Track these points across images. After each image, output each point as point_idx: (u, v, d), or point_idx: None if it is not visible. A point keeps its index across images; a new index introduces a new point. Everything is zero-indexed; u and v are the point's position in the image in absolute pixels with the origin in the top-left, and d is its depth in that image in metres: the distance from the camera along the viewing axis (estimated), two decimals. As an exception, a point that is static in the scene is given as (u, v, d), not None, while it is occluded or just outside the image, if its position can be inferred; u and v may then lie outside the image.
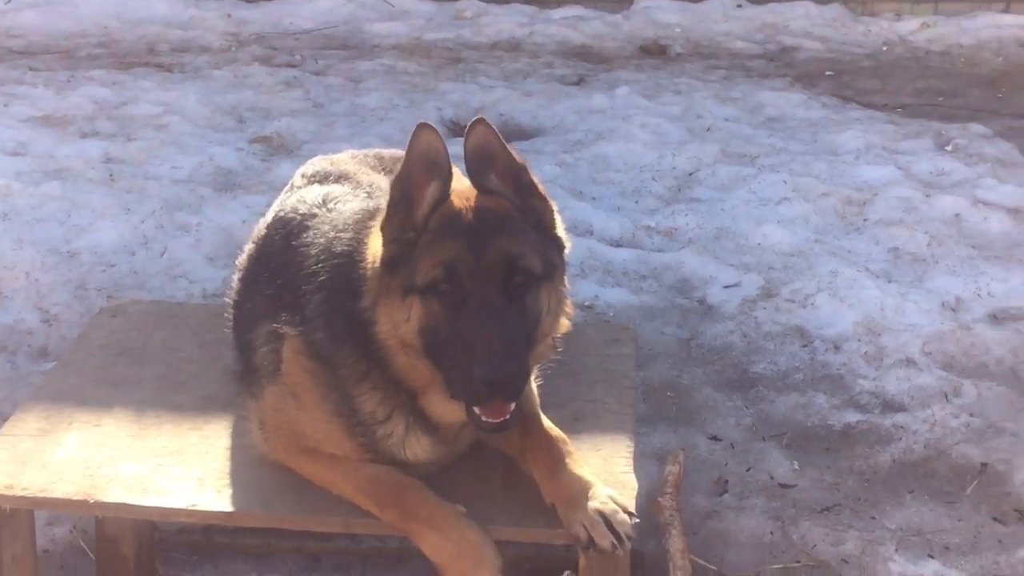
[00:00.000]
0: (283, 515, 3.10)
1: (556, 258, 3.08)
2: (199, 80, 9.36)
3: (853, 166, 7.37)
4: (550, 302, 3.02)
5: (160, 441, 3.37)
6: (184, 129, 8.03)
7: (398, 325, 2.97)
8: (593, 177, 7.16)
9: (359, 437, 3.12)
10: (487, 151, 2.99)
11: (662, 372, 5.03)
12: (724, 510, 4.19)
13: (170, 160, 7.32)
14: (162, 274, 5.73)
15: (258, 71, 9.70)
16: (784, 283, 5.74)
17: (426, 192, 2.98)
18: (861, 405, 4.84)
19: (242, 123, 8.30)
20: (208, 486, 3.17)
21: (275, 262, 3.41)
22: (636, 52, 10.70)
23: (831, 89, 9.51)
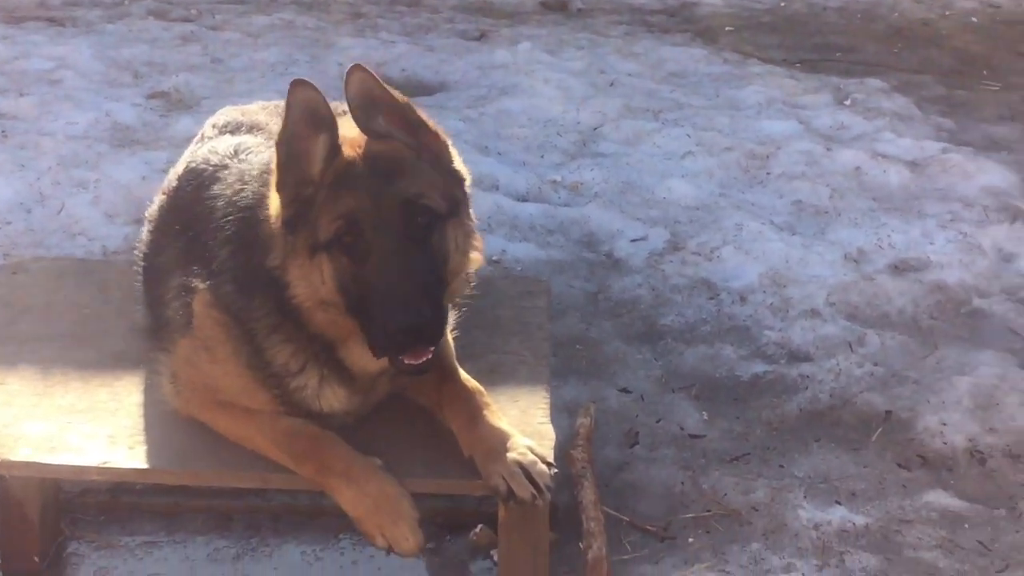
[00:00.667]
0: (198, 470, 3.06)
1: (458, 193, 3.04)
2: (92, 34, 9.15)
3: (755, 120, 7.43)
4: (457, 239, 2.99)
5: (68, 399, 3.30)
6: (78, 84, 7.84)
7: (316, 287, 2.93)
8: (498, 132, 7.13)
9: (272, 389, 3.08)
10: (369, 96, 2.95)
11: (571, 326, 5.03)
12: (635, 461, 4.22)
13: (65, 116, 7.15)
14: (60, 232, 5.61)
15: (153, 25, 9.50)
16: (690, 236, 5.77)
17: (315, 147, 2.93)
18: (768, 356, 4.90)
19: (138, 78, 8.12)
20: (120, 443, 3.11)
21: (186, 214, 3.33)
22: (538, 7, 10.67)
23: (732, 44, 9.56)
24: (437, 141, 3.04)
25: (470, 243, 3.07)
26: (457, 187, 3.05)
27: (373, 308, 2.82)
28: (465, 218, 3.05)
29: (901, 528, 3.88)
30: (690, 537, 3.87)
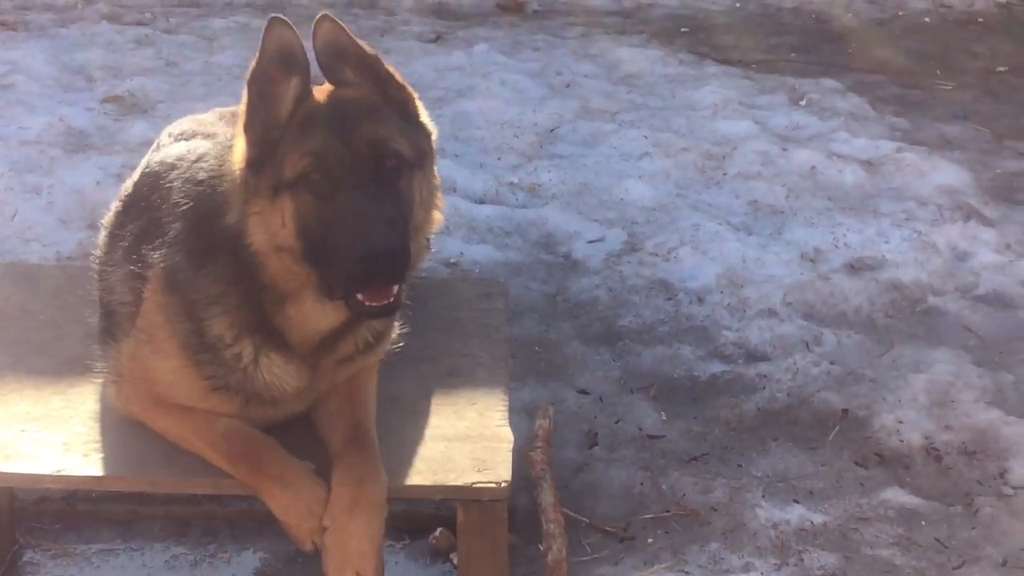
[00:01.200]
0: (153, 477, 3.03)
1: (425, 145, 3.01)
2: (45, 38, 9.07)
3: (711, 121, 7.45)
4: (422, 192, 2.96)
5: (22, 406, 3.27)
6: (31, 89, 7.77)
7: (275, 232, 2.88)
8: (455, 134, 7.12)
9: (207, 368, 3.02)
10: (336, 47, 2.93)
11: (530, 327, 5.04)
12: (594, 462, 4.22)
13: (17, 120, 7.08)
14: (13, 237, 5.56)
15: (106, 29, 9.43)
16: (647, 237, 5.79)
17: (286, 89, 2.90)
18: (725, 356, 4.92)
19: (92, 82, 8.06)
20: (75, 451, 3.08)
21: (140, 213, 3.31)
22: (493, 9, 10.66)
23: (687, 45, 9.59)
24: (404, 93, 3.02)
25: (433, 200, 3.04)
26: (424, 140, 3.02)
27: (336, 243, 2.77)
28: (430, 173, 3.03)
29: (859, 526, 3.91)
30: (649, 538, 3.89)
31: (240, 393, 3.05)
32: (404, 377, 3.44)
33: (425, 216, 3.01)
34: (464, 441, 3.16)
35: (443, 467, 3.05)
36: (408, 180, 2.91)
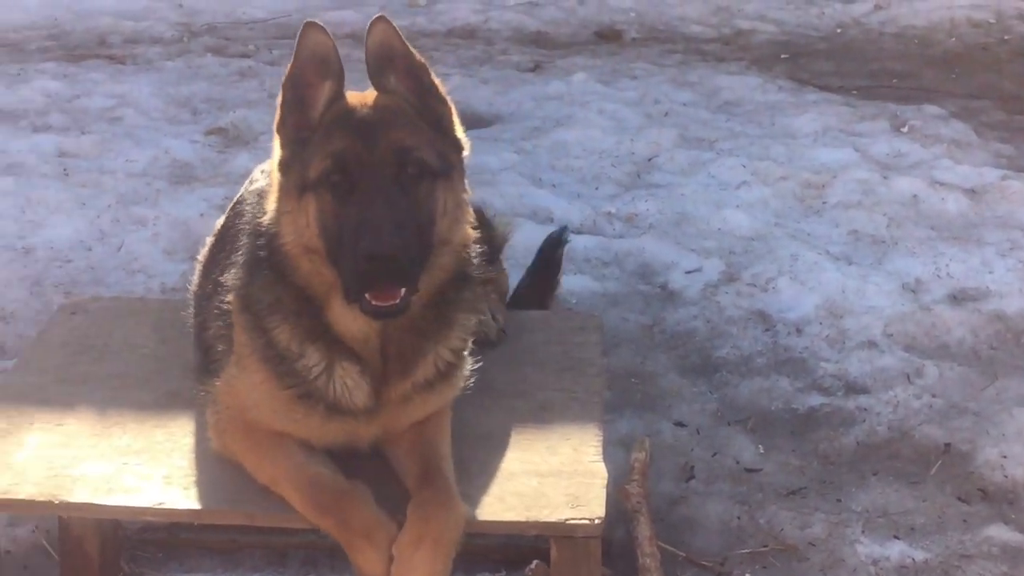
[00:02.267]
0: (250, 511, 3.07)
1: (453, 158, 3.03)
2: (152, 72, 9.26)
3: (811, 149, 7.39)
4: (447, 203, 2.97)
5: (124, 440, 3.33)
6: (138, 122, 7.94)
7: (301, 231, 2.94)
8: (552, 164, 7.14)
9: (286, 378, 3.06)
10: (387, 50, 2.96)
11: (626, 359, 5.03)
12: (691, 496, 4.20)
13: (125, 153, 7.24)
14: (120, 269, 5.68)
15: (211, 62, 9.61)
16: (745, 267, 5.75)
17: (319, 92, 2.97)
18: (824, 388, 4.86)
19: (197, 115, 8.22)
20: (175, 484, 3.14)
21: (228, 246, 3.38)
22: (591, 38, 10.68)
23: (787, 72, 9.52)
24: (443, 106, 3.05)
25: (461, 212, 3.04)
26: (454, 152, 3.05)
27: (347, 242, 2.82)
28: (458, 184, 3.04)
29: (961, 563, 3.85)
30: (747, 573, 3.87)
31: (321, 403, 3.07)
32: (496, 412, 3.45)
33: (450, 227, 3.01)
34: (558, 477, 3.15)
35: (536, 503, 3.05)
36: (430, 189, 2.93)
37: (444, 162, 2.98)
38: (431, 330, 3.11)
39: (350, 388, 3.07)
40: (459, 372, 3.26)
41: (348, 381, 3.07)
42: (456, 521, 2.94)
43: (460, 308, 3.16)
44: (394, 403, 3.13)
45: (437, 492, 3.00)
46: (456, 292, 3.13)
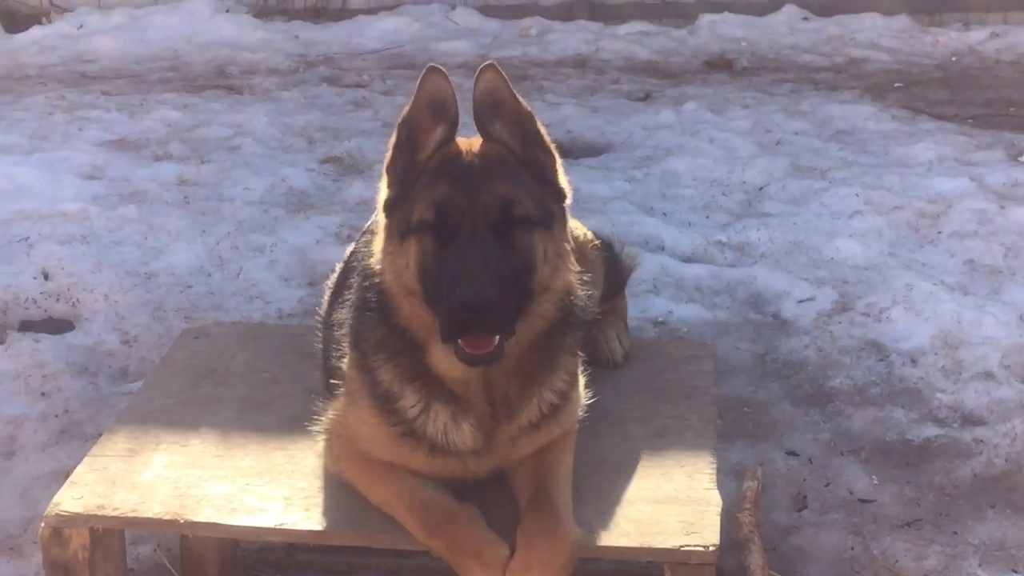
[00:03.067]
0: (370, 533, 3.13)
1: (554, 207, 3.06)
2: (269, 101, 9.47)
3: (925, 178, 7.32)
4: (547, 251, 2.99)
5: (247, 461, 3.41)
6: (255, 150, 8.12)
7: (400, 272, 2.99)
8: (663, 193, 7.16)
9: (391, 416, 3.12)
10: (494, 98, 3.00)
11: (738, 388, 5.02)
12: (804, 526, 4.17)
13: (243, 181, 7.40)
14: (238, 295, 5.80)
15: (327, 92, 9.79)
16: (859, 297, 5.71)
17: (431, 136, 3.02)
18: (940, 419, 4.80)
19: (312, 144, 8.37)
20: (295, 505, 3.21)
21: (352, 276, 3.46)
22: (702, 67, 10.70)
23: (901, 101, 9.44)
24: (547, 157, 3.09)
25: (561, 260, 3.06)
26: (555, 202, 3.08)
27: (444, 288, 2.86)
28: (559, 234, 3.06)
29: (1081, 599, 3.78)
30: (861, 604, 3.83)
31: (424, 441, 3.12)
32: (611, 438, 3.48)
33: (551, 274, 3.03)
34: (672, 503, 3.17)
35: (651, 529, 3.07)
36: (528, 239, 2.96)
37: (544, 212, 3.01)
38: (535, 374, 3.15)
39: (447, 430, 3.11)
40: (567, 409, 3.28)
41: (444, 423, 3.11)
42: (564, 547, 2.96)
43: (564, 352, 3.20)
44: (502, 444, 3.18)
45: (544, 519, 3.03)
46: (560, 337, 3.16)
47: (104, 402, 4.85)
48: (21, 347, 5.15)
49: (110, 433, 3.58)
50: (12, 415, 4.73)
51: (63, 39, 11.77)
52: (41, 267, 5.85)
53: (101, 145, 8.22)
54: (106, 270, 5.85)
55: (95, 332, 5.42)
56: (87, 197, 6.93)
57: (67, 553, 3.17)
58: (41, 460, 4.48)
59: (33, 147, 8.09)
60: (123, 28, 11.95)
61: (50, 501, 3.26)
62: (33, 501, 4.19)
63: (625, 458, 3.37)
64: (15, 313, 5.57)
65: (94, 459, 3.43)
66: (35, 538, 3.85)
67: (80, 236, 6.31)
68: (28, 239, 6.23)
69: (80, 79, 10.46)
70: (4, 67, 10.95)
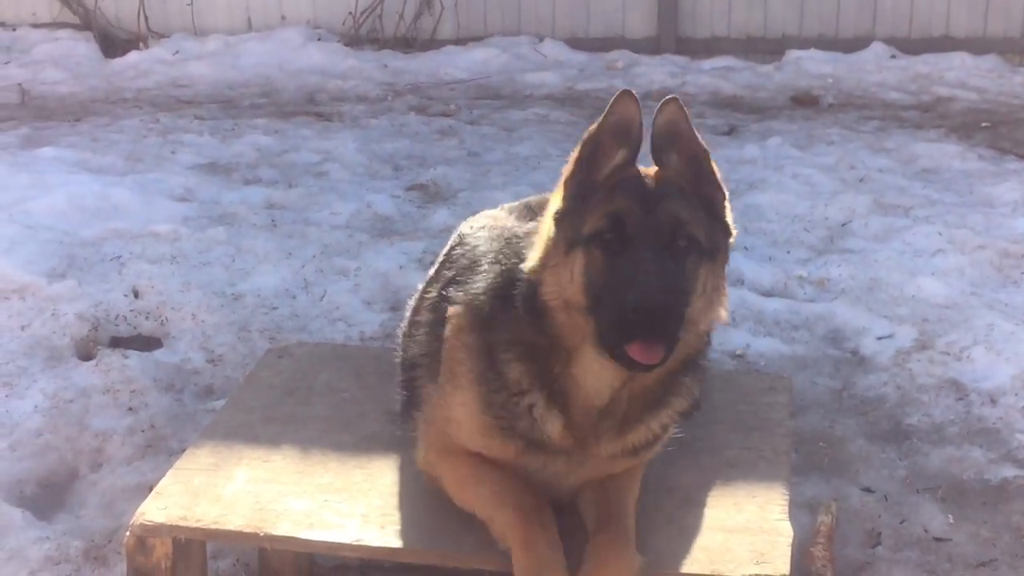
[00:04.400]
0: (444, 551, 3.19)
1: (721, 242, 3.10)
2: (357, 129, 9.60)
3: (1010, 218, 7.26)
4: (707, 283, 3.02)
5: (326, 478, 3.49)
6: (342, 176, 8.25)
7: (564, 286, 3.03)
8: (745, 227, 7.16)
9: (497, 408, 3.17)
10: (673, 129, 3.05)
11: (814, 422, 5.02)
12: (877, 562, 4.17)
13: (329, 206, 7.52)
14: (322, 317, 5.89)
15: (414, 120, 9.91)
16: (939, 335, 5.68)
17: (612, 157, 3.08)
18: (1019, 460, 4.76)
19: (398, 171, 8.49)
20: (372, 522, 3.27)
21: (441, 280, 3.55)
22: (788, 102, 10.69)
23: (987, 140, 9.37)
24: (717, 192, 3.12)
25: (717, 296, 3.09)
26: (722, 236, 3.11)
27: (616, 293, 2.89)
28: (720, 268, 3.09)
29: None
30: (932, 642, 3.81)
31: (520, 439, 3.18)
32: (684, 467, 3.51)
33: (705, 308, 3.05)
34: (743, 533, 3.20)
35: (721, 557, 3.10)
36: (696, 265, 2.99)
37: (712, 243, 3.05)
38: (655, 403, 3.20)
39: (556, 430, 3.16)
40: (661, 441, 3.33)
41: (553, 430, 3.16)
42: (629, 567, 3.01)
43: (683, 388, 3.23)
44: (599, 459, 3.23)
45: (614, 538, 3.08)
46: (685, 372, 3.20)
47: (189, 418, 4.96)
48: (111, 363, 5.28)
49: (195, 447, 3.67)
50: (100, 429, 4.86)
51: (159, 64, 12.03)
52: (132, 285, 5.99)
53: (193, 168, 8.39)
54: (194, 290, 5.97)
55: (182, 350, 5.55)
56: (178, 218, 7.09)
57: (151, 562, 3.26)
58: (127, 473, 4.60)
59: (128, 168, 8.28)
60: (217, 54, 12.19)
61: (134, 512, 3.36)
62: (118, 512, 4.30)
63: (697, 487, 3.40)
64: (106, 330, 5.70)
65: (179, 472, 3.52)
66: (119, 548, 3.96)
67: (170, 256, 6.46)
68: (120, 258, 6.38)
69: (174, 103, 10.68)
70: (102, 90, 11.21)
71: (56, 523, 4.37)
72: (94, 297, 5.84)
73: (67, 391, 5.07)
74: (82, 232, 6.74)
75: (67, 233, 6.71)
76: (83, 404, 5.00)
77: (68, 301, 5.77)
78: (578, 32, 12.63)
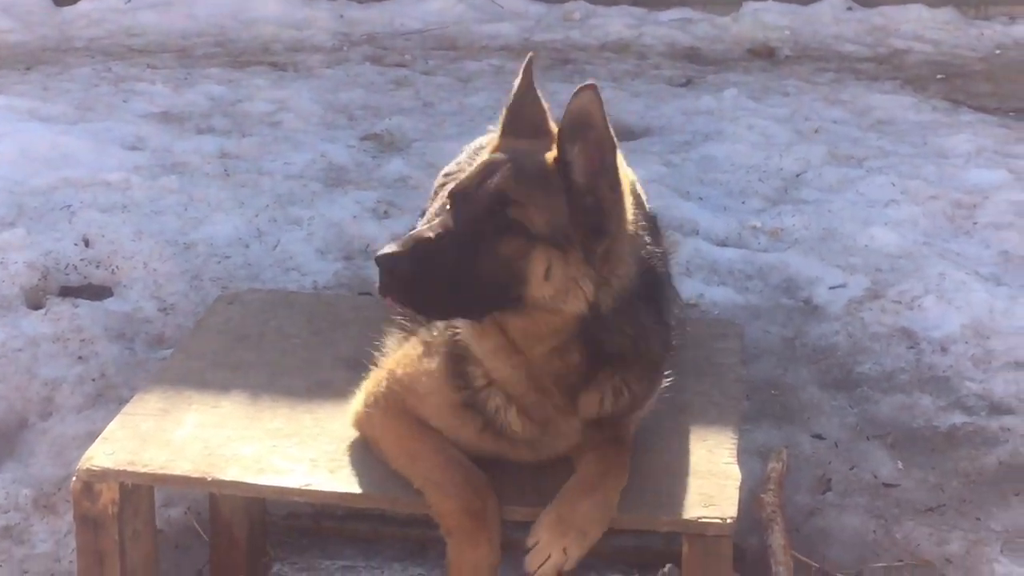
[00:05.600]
0: (395, 496, 3.18)
1: (581, 237, 2.96)
2: (312, 79, 9.52)
3: (963, 169, 7.29)
4: (551, 270, 2.93)
5: (275, 423, 3.47)
6: (297, 126, 8.18)
7: None
8: (700, 177, 7.17)
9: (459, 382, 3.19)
10: (584, 120, 2.95)
11: (767, 370, 5.04)
12: (827, 508, 4.21)
13: (283, 156, 7.46)
14: (275, 266, 5.86)
15: (369, 70, 9.84)
16: (891, 285, 5.71)
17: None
18: (967, 407, 4.81)
19: (353, 121, 8.42)
20: (321, 467, 3.26)
21: None
22: (744, 54, 10.67)
23: (942, 92, 9.40)
24: (611, 191, 3.02)
25: (574, 286, 2.96)
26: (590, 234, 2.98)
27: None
28: (573, 260, 2.96)
29: (1101, 587, 3.79)
30: (881, 586, 3.85)
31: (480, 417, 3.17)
32: (635, 411, 3.50)
33: (556, 297, 2.96)
34: (692, 476, 3.21)
35: (669, 501, 3.11)
36: (518, 249, 2.93)
37: (558, 234, 2.94)
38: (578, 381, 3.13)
39: (502, 414, 3.16)
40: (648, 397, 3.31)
41: (498, 406, 3.16)
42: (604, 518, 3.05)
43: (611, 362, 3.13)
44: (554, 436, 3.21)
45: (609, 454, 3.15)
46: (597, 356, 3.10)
47: (140, 367, 4.92)
48: (60, 312, 5.23)
49: (143, 393, 3.64)
50: (50, 377, 4.82)
51: (111, 12, 11.85)
52: (82, 234, 5.93)
53: (145, 117, 8.29)
54: (146, 239, 5.92)
55: (133, 299, 5.50)
56: (129, 167, 7.00)
57: (97, 507, 3.24)
58: (77, 422, 4.57)
59: (78, 117, 8.18)
60: (171, 3, 12.01)
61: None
62: (68, 461, 4.27)
63: (646, 430, 3.39)
64: (55, 279, 5.64)
65: (127, 417, 3.50)
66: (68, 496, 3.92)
67: (121, 205, 6.39)
68: (70, 207, 6.30)
69: (127, 52, 10.55)
70: (52, 39, 11.05)
71: (4, 472, 4.35)
72: (44, 246, 5.77)
73: (16, 340, 5.02)
74: (32, 181, 6.65)
75: (17, 182, 6.61)
76: (32, 353, 4.96)
77: (17, 250, 5.69)
78: (535, -17, 12.54)
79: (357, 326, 4.01)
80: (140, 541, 3.36)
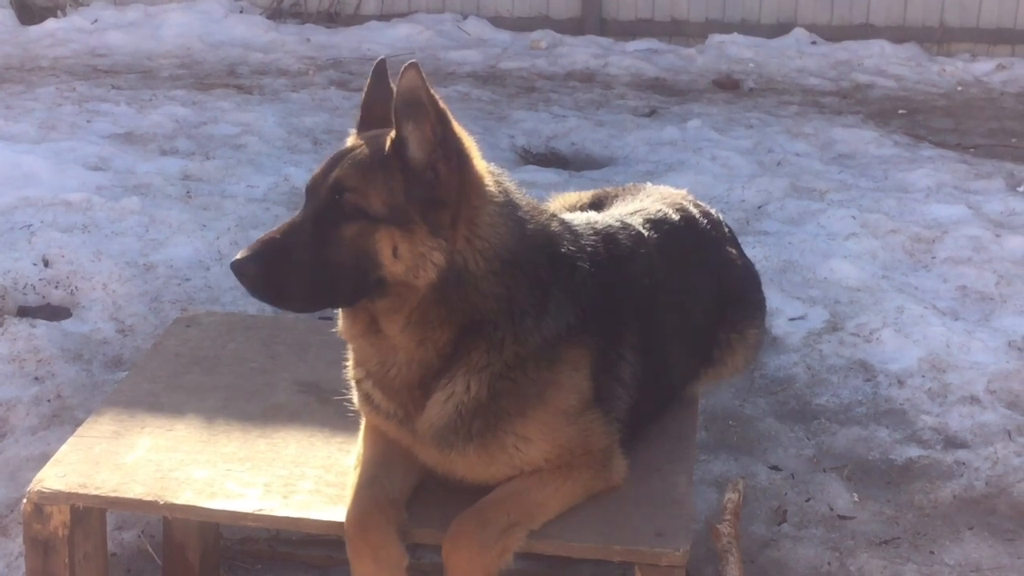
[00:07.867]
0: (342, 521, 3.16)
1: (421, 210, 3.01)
2: (277, 102, 9.52)
3: (923, 204, 7.36)
4: (398, 248, 3.00)
5: (229, 447, 3.45)
6: (261, 149, 8.17)
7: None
8: (662, 207, 7.18)
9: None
10: (412, 98, 3.01)
11: (725, 401, 5.05)
12: (782, 539, 4.21)
13: (246, 179, 7.45)
14: (235, 289, 5.83)
15: (335, 95, 9.85)
16: (849, 317, 5.74)
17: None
18: (923, 441, 4.84)
19: (317, 145, 8.43)
20: (274, 492, 3.24)
21: None
22: (709, 86, 10.75)
23: (904, 127, 9.49)
24: (447, 163, 3.07)
25: (420, 259, 3.02)
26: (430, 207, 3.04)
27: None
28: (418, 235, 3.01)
29: (1052, 622, 3.80)
30: (833, 618, 3.85)
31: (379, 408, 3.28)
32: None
33: (409, 272, 3.02)
34: (646, 506, 3.20)
35: (622, 531, 3.10)
36: (360, 233, 3.01)
37: (397, 212, 3.01)
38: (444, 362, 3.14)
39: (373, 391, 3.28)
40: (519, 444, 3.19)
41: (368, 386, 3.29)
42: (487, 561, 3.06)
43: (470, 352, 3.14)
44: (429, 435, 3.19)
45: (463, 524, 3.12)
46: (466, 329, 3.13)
47: (97, 388, 4.89)
48: (17, 331, 5.20)
49: (96, 415, 3.62)
50: (5, 398, 4.79)
51: (77, 32, 11.85)
52: (42, 254, 5.90)
53: (108, 137, 8.27)
54: (106, 260, 5.89)
55: (91, 320, 5.47)
56: (91, 187, 6.98)
57: (47, 530, 3.21)
58: (31, 443, 4.53)
59: (41, 136, 8.15)
60: (137, 24, 12.02)
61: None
62: (22, 483, 4.22)
63: (602, 460, 3.38)
64: (13, 298, 5.61)
65: (79, 439, 3.47)
66: (21, 519, 3.89)
67: (82, 225, 6.37)
68: (31, 226, 6.28)
69: (91, 72, 10.53)
70: (17, 58, 11.02)
71: (-43, 492, 4.30)
72: (2, 265, 5.75)
73: (-29, 359, 4.99)
74: (-9, 200, 6.63)
75: (-24, 201, 6.59)
76: (-13, 372, 4.93)
77: (-25, 269, 5.67)
78: (502, 11, 12.62)
79: (315, 349, 4.01)
80: (91, 564, 3.33)
